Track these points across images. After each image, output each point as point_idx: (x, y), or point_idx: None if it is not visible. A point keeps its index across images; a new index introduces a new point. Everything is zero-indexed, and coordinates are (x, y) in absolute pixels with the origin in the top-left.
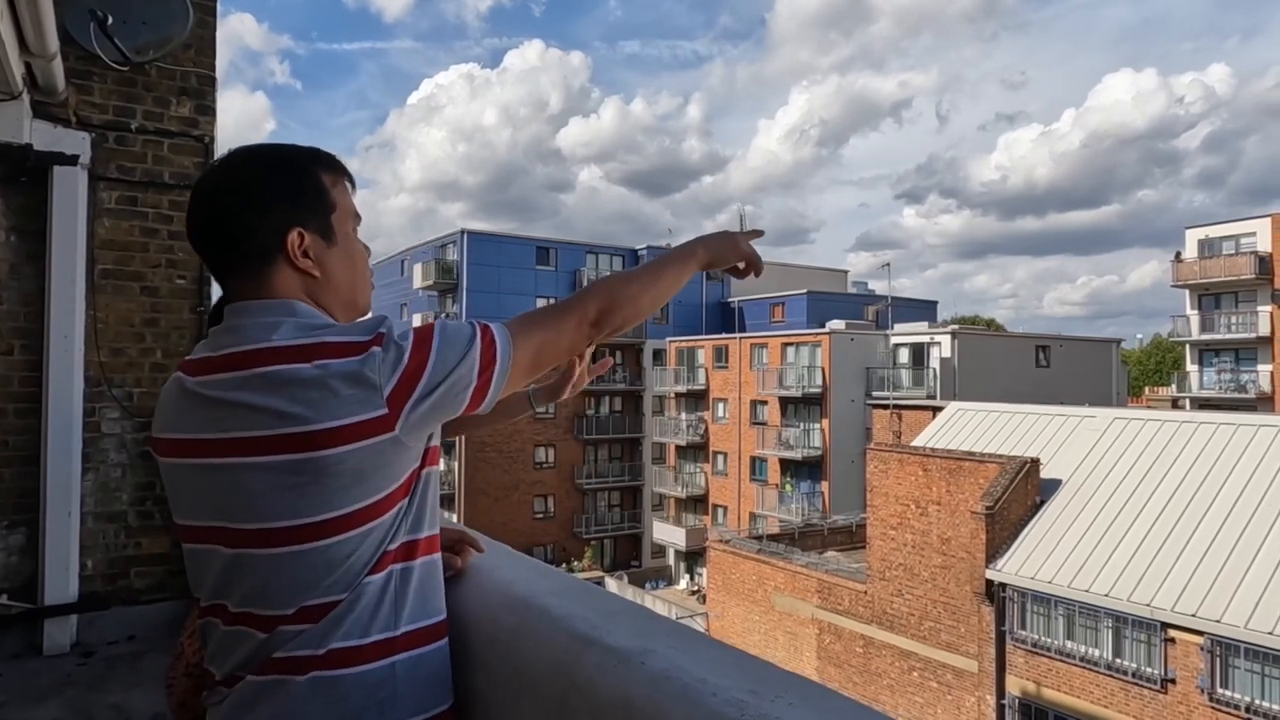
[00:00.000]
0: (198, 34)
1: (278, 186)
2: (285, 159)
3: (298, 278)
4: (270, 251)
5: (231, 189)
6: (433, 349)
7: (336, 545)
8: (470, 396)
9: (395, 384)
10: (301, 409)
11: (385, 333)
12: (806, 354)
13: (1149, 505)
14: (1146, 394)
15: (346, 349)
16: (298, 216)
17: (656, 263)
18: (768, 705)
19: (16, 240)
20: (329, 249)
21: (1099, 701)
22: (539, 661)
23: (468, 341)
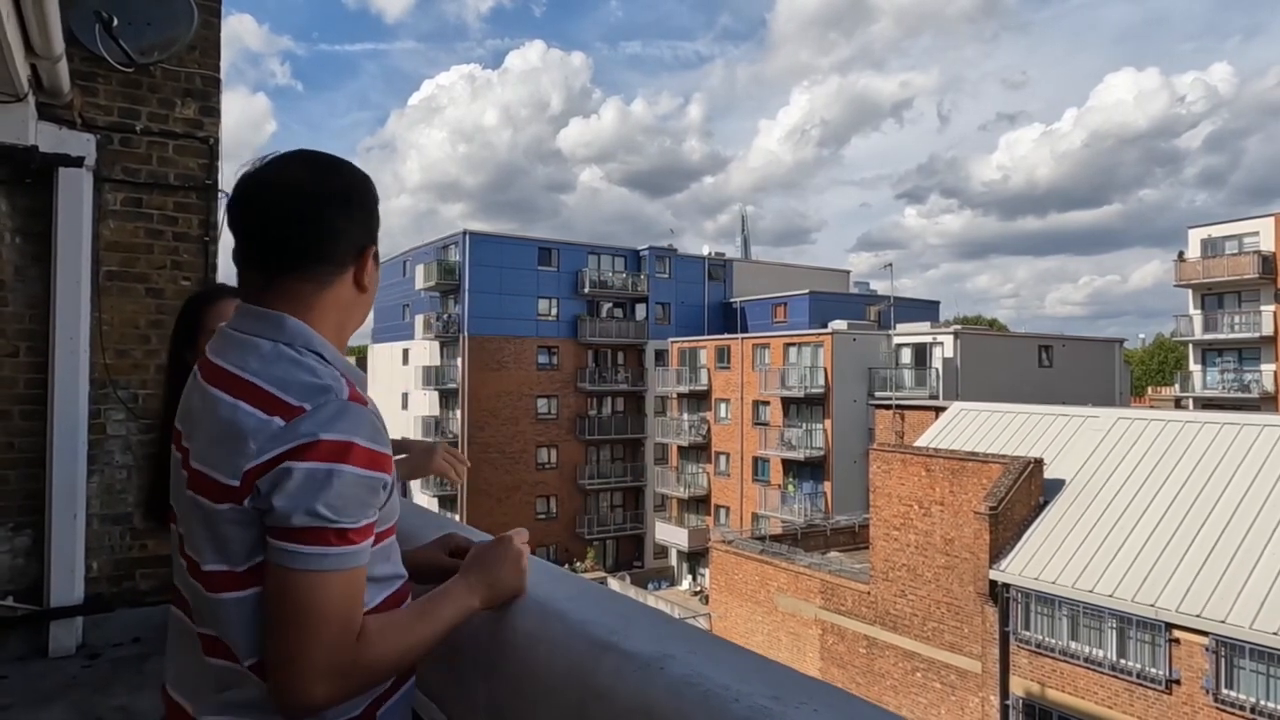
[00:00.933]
0: (202, 35)
1: (365, 202)
2: (366, 178)
3: (352, 293)
4: (346, 263)
5: (331, 193)
6: (325, 464)
7: (236, 601)
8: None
9: (262, 461)
10: (242, 449)
11: (305, 410)
12: (809, 354)
13: (1153, 505)
14: (1149, 394)
15: (263, 401)
16: (373, 236)
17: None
18: (792, 712)
19: (22, 242)
20: (376, 272)
21: (1103, 702)
22: (556, 667)
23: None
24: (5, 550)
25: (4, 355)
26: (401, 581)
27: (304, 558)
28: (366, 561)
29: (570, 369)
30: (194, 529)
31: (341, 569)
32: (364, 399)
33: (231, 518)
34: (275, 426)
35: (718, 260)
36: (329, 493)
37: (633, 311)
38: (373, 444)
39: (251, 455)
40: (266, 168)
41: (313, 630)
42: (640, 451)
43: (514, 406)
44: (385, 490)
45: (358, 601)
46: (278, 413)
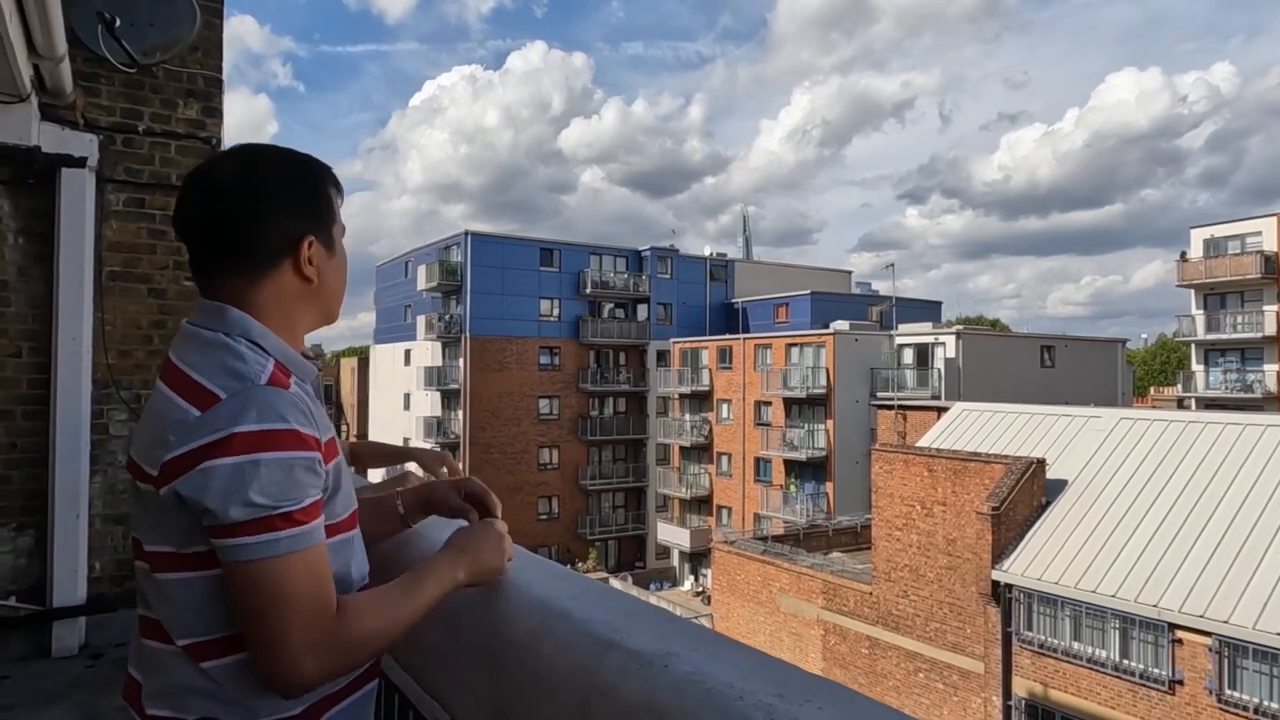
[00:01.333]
0: (204, 36)
1: (297, 191)
2: (301, 165)
3: (297, 284)
4: (279, 255)
5: (250, 187)
6: (249, 456)
7: (180, 582)
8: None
9: (176, 456)
10: (146, 439)
11: (220, 399)
12: (810, 355)
13: (1155, 505)
14: (1152, 394)
15: (186, 390)
16: (311, 225)
17: (417, 591)
18: (796, 709)
19: (24, 243)
20: (329, 259)
21: (1106, 703)
22: (559, 665)
23: (280, 490)
24: (8, 550)
25: (7, 355)
26: (357, 588)
27: (254, 548)
28: (322, 539)
29: (572, 369)
30: (136, 510)
31: (295, 550)
32: (285, 382)
33: (159, 502)
34: (191, 418)
35: (719, 261)
36: (259, 481)
37: (634, 312)
38: (293, 424)
39: (170, 446)
40: (197, 168)
41: (283, 615)
42: (642, 452)
43: (516, 407)
44: (321, 469)
45: (323, 577)
46: (195, 401)
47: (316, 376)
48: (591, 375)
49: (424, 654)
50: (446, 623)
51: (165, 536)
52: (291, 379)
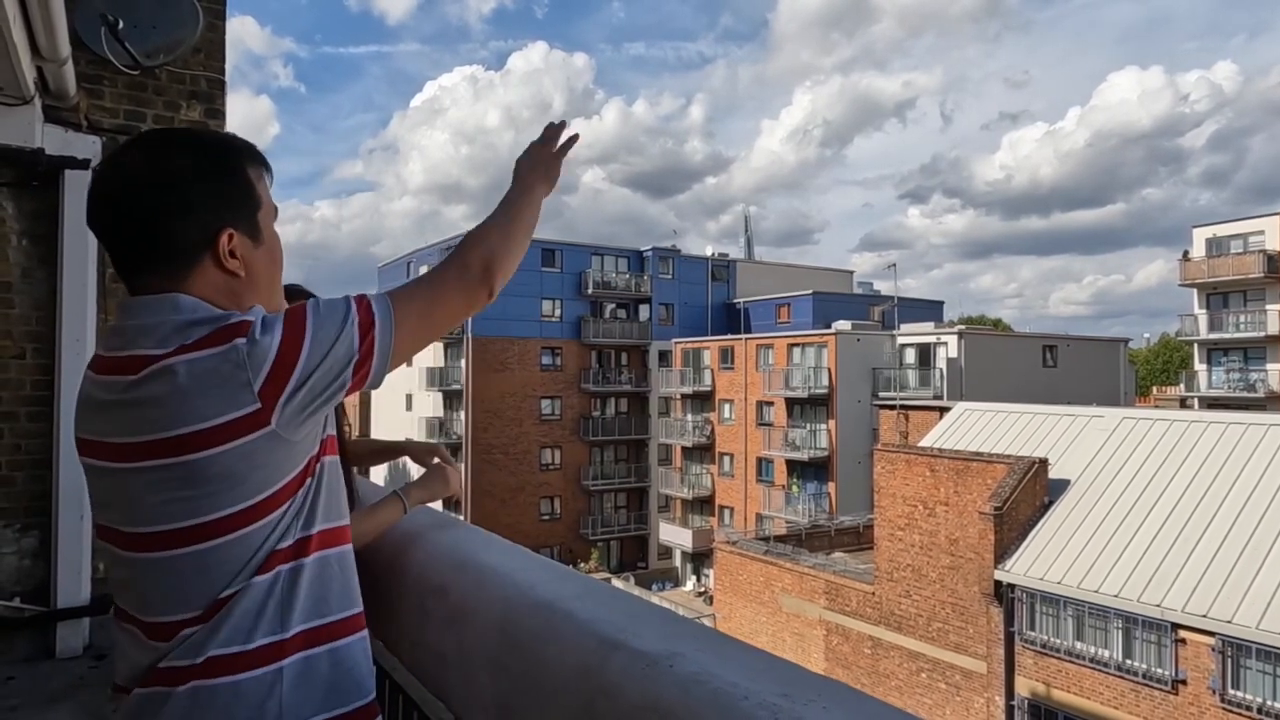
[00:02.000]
0: (207, 37)
1: (210, 182)
2: (215, 150)
3: (222, 278)
4: (196, 251)
5: (158, 181)
6: (307, 329)
7: (214, 549)
8: (353, 371)
9: (267, 374)
10: (168, 414)
11: (251, 321)
12: (812, 355)
13: (1158, 505)
14: (1154, 394)
15: (210, 341)
16: (229, 215)
17: (510, 205)
18: (801, 709)
19: (29, 244)
20: (255, 248)
21: (1109, 702)
22: (563, 665)
23: (343, 315)
24: (12, 551)
25: (11, 357)
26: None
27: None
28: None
29: (574, 370)
30: (146, 497)
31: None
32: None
33: (184, 465)
34: (242, 346)
35: (721, 261)
36: (333, 313)
37: (636, 312)
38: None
39: (247, 381)
40: (104, 159)
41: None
42: (644, 452)
43: (518, 407)
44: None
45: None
46: (231, 338)
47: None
48: (593, 375)
49: (429, 655)
50: (451, 622)
51: (175, 509)
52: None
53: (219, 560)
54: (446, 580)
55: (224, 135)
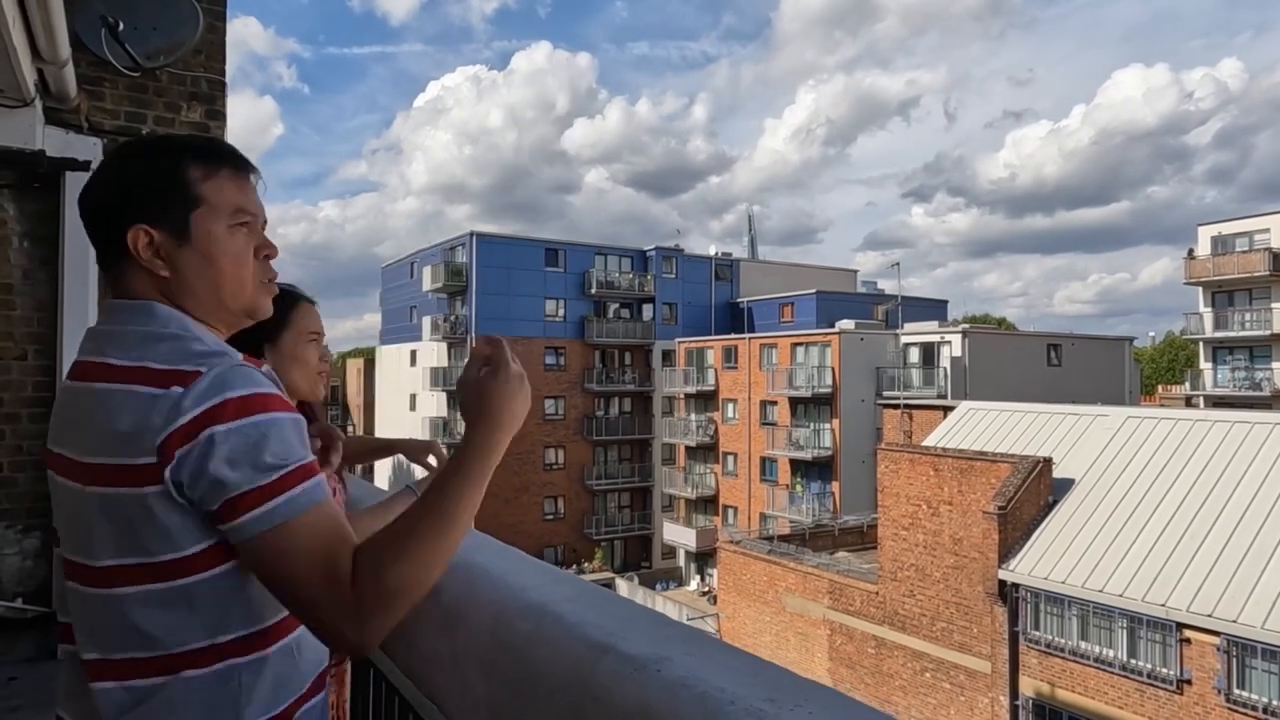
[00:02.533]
0: (207, 39)
1: (129, 181)
2: (146, 151)
3: (148, 278)
4: (120, 251)
5: (94, 183)
6: (250, 419)
7: (115, 600)
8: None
9: (176, 429)
10: (92, 437)
11: (202, 372)
12: (816, 354)
13: (1163, 504)
14: (1160, 392)
15: (155, 378)
16: (143, 213)
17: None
18: (787, 715)
19: (30, 246)
20: (181, 248)
21: (1113, 702)
22: (554, 668)
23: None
24: (14, 552)
25: (13, 359)
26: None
27: (270, 514)
28: (327, 494)
29: (577, 369)
30: (92, 527)
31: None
32: (257, 363)
33: (136, 502)
34: (175, 395)
35: (724, 260)
36: (268, 442)
37: (639, 312)
38: (276, 391)
39: (159, 429)
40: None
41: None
42: (647, 452)
43: None
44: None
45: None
46: (175, 383)
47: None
48: (597, 375)
49: (422, 656)
50: (444, 625)
51: (133, 545)
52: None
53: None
54: (440, 581)
55: (174, 135)
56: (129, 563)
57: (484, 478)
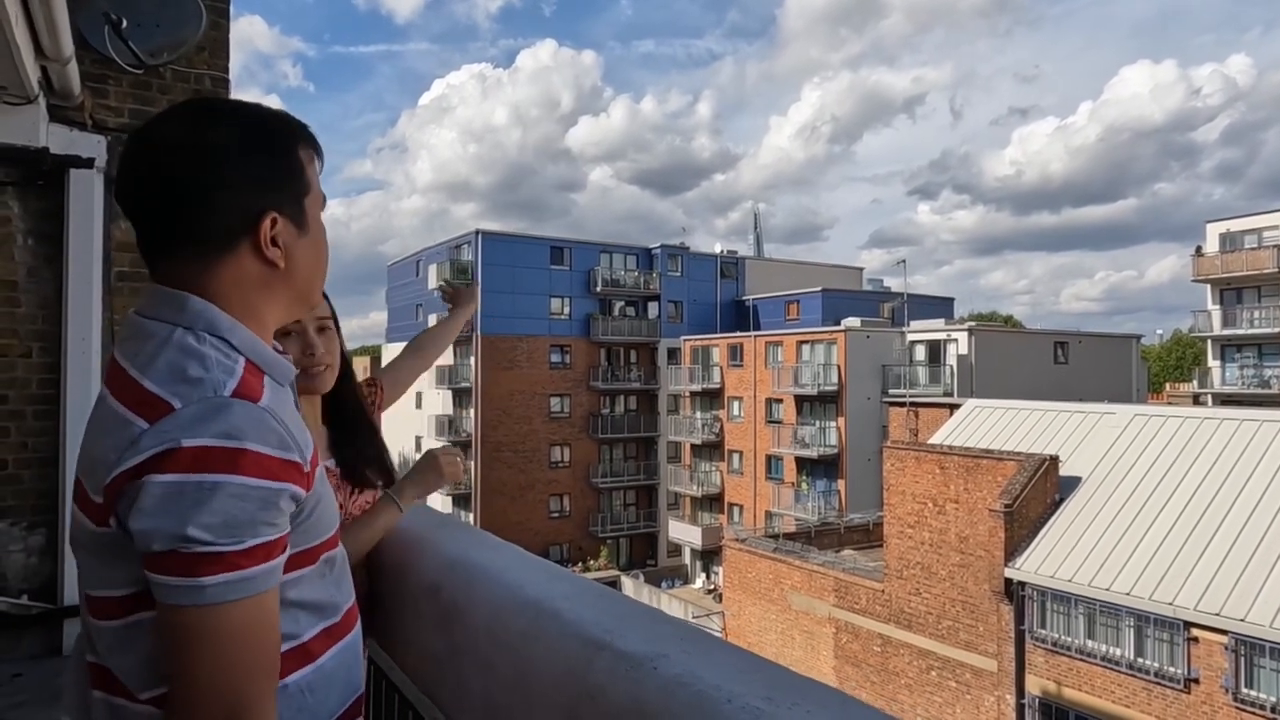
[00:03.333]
0: (211, 36)
1: (257, 159)
2: (264, 123)
3: (258, 269)
4: (234, 236)
5: (199, 153)
6: (196, 476)
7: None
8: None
9: (123, 470)
10: (91, 458)
11: (174, 408)
12: (822, 352)
13: (1171, 503)
14: (1167, 390)
15: (139, 401)
16: (274, 198)
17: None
18: (784, 713)
19: (34, 243)
20: (300, 238)
21: (1121, 701)
22: (550, 666)
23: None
24: (19, 549)
25: (17, 356)
26: (342, 612)
27: (175, 591)
28: (269, 586)
29: (583, 368)
30: (77, 547)
31: (223, 600)
32: (256, 394)
33: (104, 540)
34: (136, 430)
35: (730, 258)
36: (201, 510)
37: (645, 310)
38: (263, 446)
39: (111, 465)
40: (140, 127)
41: (198, 679)
42: (653, 450)
43: (527, 405)
44: (292, 502)
45: (262, 640)
46: (144, 412)
47: (295, 377)
48: (602, 373)
49: (420, 653)
50: (442, 622)
51: (108, 579)
52: (265, 381)
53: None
54: (439, 579)
55: (274, 109)
56: (106, 593)
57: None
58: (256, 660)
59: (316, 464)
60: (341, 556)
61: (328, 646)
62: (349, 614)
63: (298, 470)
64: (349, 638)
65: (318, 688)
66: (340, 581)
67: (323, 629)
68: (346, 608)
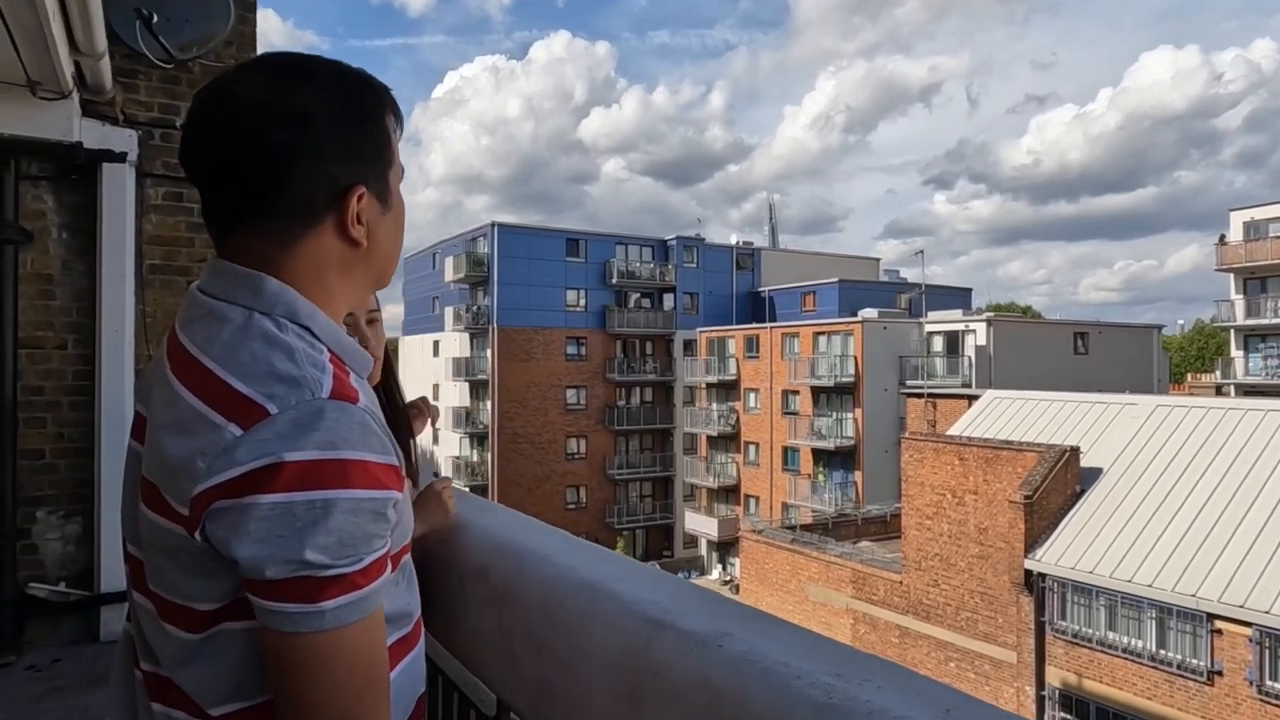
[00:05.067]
0: (238, 30)
1: (349, 124)
2: (355, 87)
3: (339, 248)
4: (318, 211)
5: (286, 117)
6: (306, 494)
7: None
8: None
9: (214, 485)
10: (168, 459)
11: (270, 413)
12: (838, 343)
13: (1194, 494)
14: (1189, 381)
15: (225, 401)
16: (361, 170)
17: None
18: (856, 688)
19: (68, 237)
20: (383, 214)
21: (1142, 693)
22: (609, 646)
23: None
24: (57, 537)
25: (53, 348)
26: (414, 621)
27: (293, 619)
28: (380, 604)
29: (599, 359)
30: (151, 551)
31: (345, 623)
32: (353, 393)
33: (191, 550)
34: (229, 437)
35: (746, 249)
36: (316, 532)
37: (660, 301)
38: (367, 454)
39: (200, 476)
40: (212, 84)
41: (320, 706)
42: (669, 441)
43: (543, 397)
44: (394, 510)
45: (375, 658)
46: (235, 416)
47: (371, 366)
48: (618, 365)
49: (468, 635)
50: (492, 604)
51: (214, 592)
52: (352, 377)
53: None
54: (486, 562)
55: (357, 70)
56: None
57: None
58: (372, 679)
59: (403, 475)
60: (411, 563)
61: (401, 656)
62: (419, 622)
63: (397, 474)
64: (420, 645)
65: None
66: (412, 587)
67: (397, 639)
68: (417, 616)
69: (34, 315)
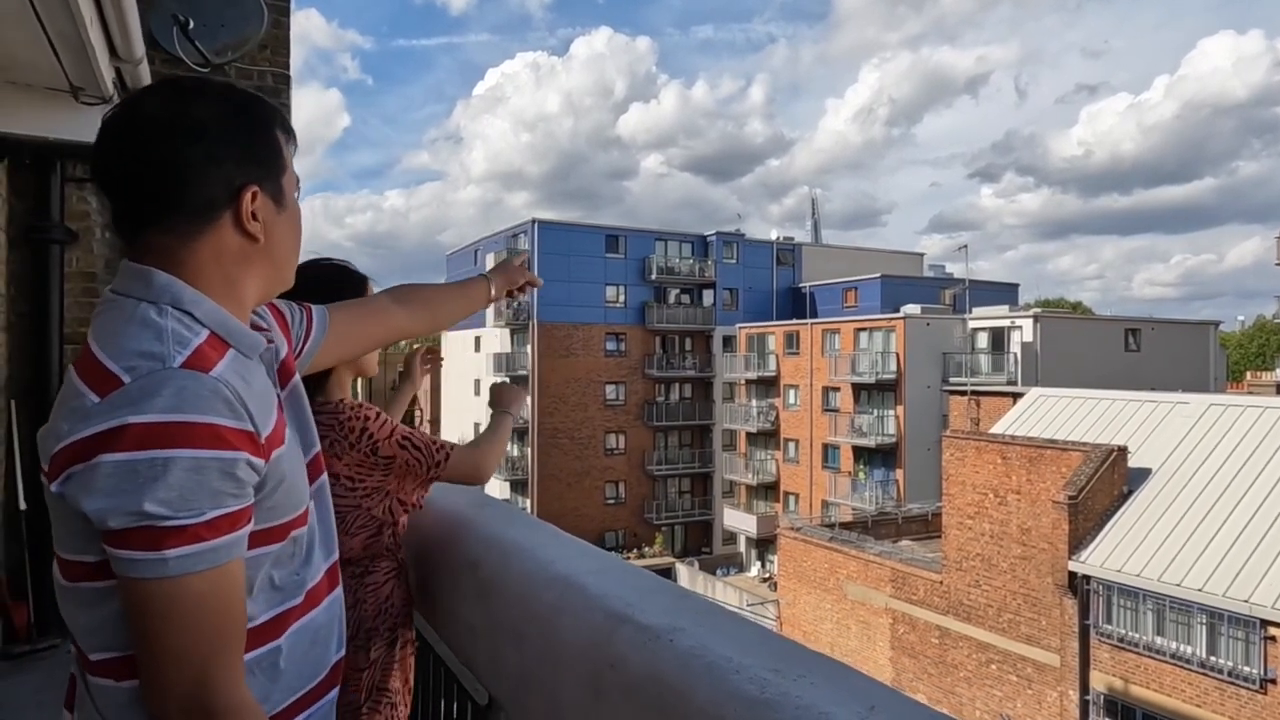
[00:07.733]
0: (272, 34)
1: (240, 133)
2: (246, 104)
3: (238, 242)
4: (215, 208)
5: (180, 126)
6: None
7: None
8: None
9: (69, 444)
10: (47, 429)
11: (123, 382)
12: (880, 339)
13: (1248, 496)
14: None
15: (94, 374)
16: (255, 172)
17: None
18: (789, 684)
19: (111, 237)
20: (278, 214)
21: (1191, 700)
22: (576, 638)
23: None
24: None
25: None
26: (304, 591)
27: (138, 564)
28: (235, 556)
29: (638, 355)
30: (51, 517)
31: (191, 571)
32: (212, 359)
33: (60, 506)
34: (88, 404)
35: (786, 245)
36: (156, 486)
37: (700, 297)
38: (215, 417)
39: (61, 436)
40: (117, 105)
41: (165, 650)
42: (708, 438)
43: (582, 393)
44: (251, 471)
45: (224, 607)
46: (96, 386)
47: (268, 350)
48: (657, 361)
49: (461, 627)
50: (480, 596)
51: (80, 546)
52: (229, 355)
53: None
54: (478, 556)
55: (249, 92)
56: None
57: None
58: (222, 629)
59: (280, 440)
60: (308, 535)
61: (290, 623)
62: (312, 592)
63: (251, 439)
64: (310, 616)
65: (272, 666)
66: (310, 562)
67: (288, 608)
68: (309, 586)
69: (79, 312)
